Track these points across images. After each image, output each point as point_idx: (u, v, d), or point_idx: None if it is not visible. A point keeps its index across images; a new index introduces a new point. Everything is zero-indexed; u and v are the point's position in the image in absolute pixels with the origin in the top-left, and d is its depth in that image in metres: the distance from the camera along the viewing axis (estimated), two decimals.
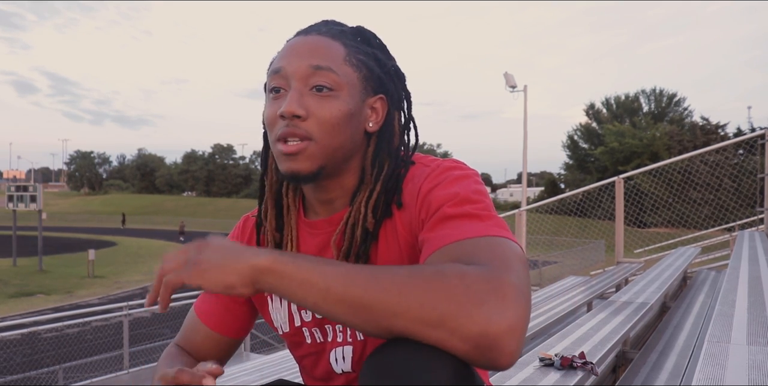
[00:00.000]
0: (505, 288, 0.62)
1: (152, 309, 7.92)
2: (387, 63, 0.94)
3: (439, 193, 0.82)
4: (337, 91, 0.86)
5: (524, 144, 19.17)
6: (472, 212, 0.78)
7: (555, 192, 37.95)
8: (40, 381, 8.32)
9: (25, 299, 17.37)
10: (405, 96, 0.96)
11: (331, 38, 0.89)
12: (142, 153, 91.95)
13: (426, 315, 0.61)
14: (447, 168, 0.87)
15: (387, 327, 0.63)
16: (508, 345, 0.60)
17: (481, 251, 0.71)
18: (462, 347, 0.60)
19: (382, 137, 0.92)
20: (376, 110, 0.92)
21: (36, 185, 24.09)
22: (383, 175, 0.90)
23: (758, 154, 6.67)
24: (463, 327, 0.60)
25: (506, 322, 0.60)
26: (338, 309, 0.65)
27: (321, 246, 0.94)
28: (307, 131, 0.85)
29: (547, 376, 1.78)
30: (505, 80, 18.94)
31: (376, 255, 0.90)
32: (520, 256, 0.72)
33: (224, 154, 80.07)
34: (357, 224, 0.89)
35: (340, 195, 0.93)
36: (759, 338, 1.55)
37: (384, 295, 0.63)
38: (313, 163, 0.86)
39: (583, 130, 44.90)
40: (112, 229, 47.86)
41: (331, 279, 0.65)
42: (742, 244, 4.05)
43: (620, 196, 6.30)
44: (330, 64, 0.86)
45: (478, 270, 0.64)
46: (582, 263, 14.33)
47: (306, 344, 0.99)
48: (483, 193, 0.83)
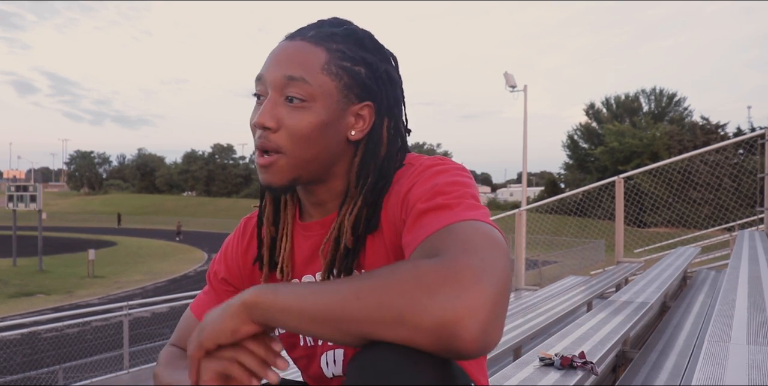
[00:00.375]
0: (460, 272, 0.60)
1: (152, 308, 7.91)
2: (379, 67, 0.90)
3: (416, 191, 0.82)
4: (310, 101, 0.85)
5: (524, 144, 19.17)
6: (442, 203, 0.77)
7: (555, 192, 37.96)
8: (40, 381, 8.32)
9: (25, 299, 17.37)
10: (398, 101, 0.94)
11: (314, 44, 0.87)
12: (142, 153, 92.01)
13: (385, 315, 0.60)
14: (427, 166, 0.86)
15: (357, 335, 0.63)
16: (469, 331, 0.57)
17: (442, 241, 0.69)
18: (425, 341, 0.59)
19: (368, 146, 0.90)
20: (363, 118, 0.90)
21: (36, 185, 24.10)
22: (366, 187, 0.89)
23: (758, 153, 6.67)
24: (421, 321, 0.58)
25: (462, 307, 0.58)
26: (313, 327, 0.65)
27: (314, 249, 0.95)
28: (278, 144, 0.85)
29: (547, 376, 1.78)
30: (505, 80, 18.94)
31: (365, 259, 0.90)
32: (486, 235, 0.69)
33: (224, 153, 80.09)
34: (341, 237, 0.89)
35: (329, 198, 0.93)
36: (759, 338, 1.55)
37: (345, 304, 0.63)
38: (284, 176, 0.86)
39: (583, 129, 44.93)
40: (112, 229, 47.88)
41: (302, 300, 0.65)
42: (742, 244, 4.05)
43: (620, 196, 6.30)
44: (304, 74, 0.85)
45: (431, 261, 0.63)
46: (582, 263, 14.34)
47: (299, 346, 0.99)
48: (459, 184, 0.81)
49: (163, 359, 0.98)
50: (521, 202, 17.78)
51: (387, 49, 0.95)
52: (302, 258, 0.97)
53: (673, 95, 44.39)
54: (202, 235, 42.44)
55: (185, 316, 1.07)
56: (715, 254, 7.09)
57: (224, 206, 64.64)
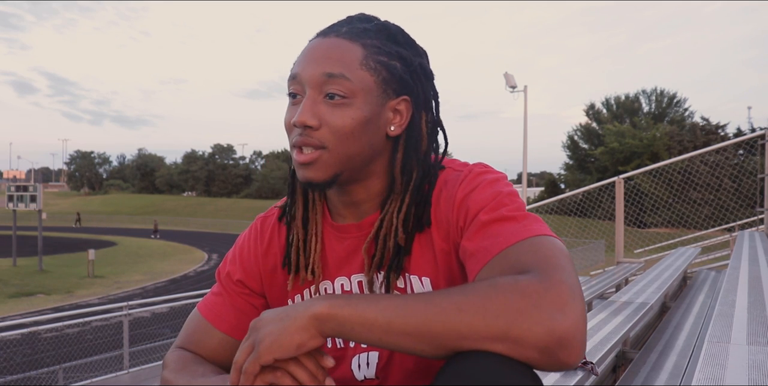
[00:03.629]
0: (558, 288, 0.64)
1: (152, 308, 7.90)
2: (413, 61, 0.90)
3: (475, 199, 0.83)
4: (351, 98, 0.84)
5: (524, 144, 19.16)
6: (507, 215, 0.79)
7: (555, 192, 37.93)
8: (40, 381, 8.31)
9: (25, 299, 17.36)
10: (433, 96, 0.93)
11: (349, 40, 0.86)
12: (142, 153, 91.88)
13: (491, 331, 0.62)
14: (479, 172, 0.87)
15: (454, 349, 0.64)
16: (576, 343, 0.62)
17: (525, 256, 0.72)
18: (531, 354, 0.62)
19: (409, 141, 0.90)
20: (400, 112, 0.89)
21: (36, 185, 24.07)
22: (412, 183, 0.88)
23: (758, 154, 6.67)
24: (529, 335, 0.61)
25: (568, 321, 0.62)
26: (403, 341, 0.65)
27: (350, 251, 0.93)
28: (320, 140, 0.84)
29: (547, 376, 1.78)
30: (506, 80, 18.94)
31: (410, 265, 0.89)
32: (562, 251, 0.73)
33: (224, 154, 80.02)
34: (389, 235, 0.88)
35: (366, 198, 0.92)
36: (759, 338, 1.54)
37: (445, 319, 0.63)
38: (327, 171, 0.85)
39: (584, 130, 44.90)
40: (112, 229, 47.85)
41: (389, 313, 0.65)
42: (742, 244, 4.04)
43: (620, 196, 6.30)
44: (343, 71, 0.84)
45: (529, 277, 0.66)
46: (582, 263, 14.31)
47: (327, 348, 0.95)
48: (515, 194, 0.84)
49: (173, 364, 0.92)
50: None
51: (418, 44, 0.94)
52: (335, 260, 0.94)
53: (674, 96, 44.37)
54: (203, 235, 42.44)
55: (193, 318, 1.01)
56: (716, 254, 7.08)
57: (224, 206, 64.61)
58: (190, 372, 0.88)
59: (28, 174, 45.96)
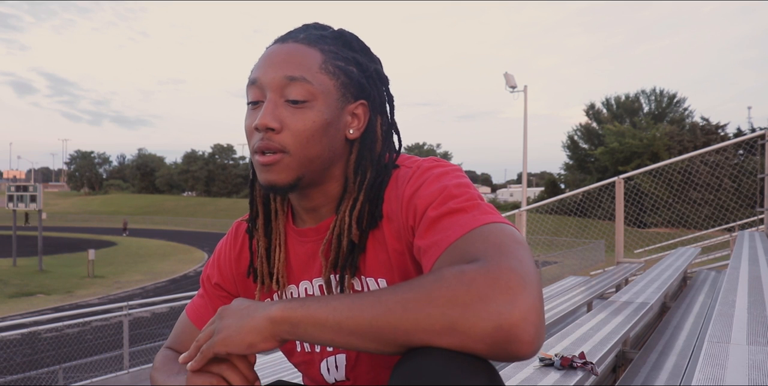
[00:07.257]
0: (507, 276, 0.62)
1: (152, 308, 7.96)
2: (369, 66, 0.92)
3: (422, 195, 0.82)
4: (312, 101, 0.85)
5: (524, 144, 19.16)
6: (456, 207, 0.77)
7: (555, 192, 37.96)
8: (40, 381, 8.31)
9: (25, 299, 17.35)
10: (388, 100, 0.95)
11: (307, 45, 0.87)
12: (142, 153, 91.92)
13: (436, 325, 0.60)
14: (426, 168, 0.86)
15: (404, 344, 0.63)
16: (526, 334, 0.59)
17: (474, 245, 0.70)
18: (480, 346, 0.60)
19: (364, 143, 0.91)
20: (358, 116, 0.90)
21: (36, 185, 24.07)
22: (366, 183, 0.89)
23: (758, 154, 6.66)
24: (475, 329, 0.59)
25: (517, 313, 0.59)
26: (354, 340, 0.65)
27: (310, 254, 0.94)
28: (282, 144, 0.84)
29: (547, 376, 1.78)
30: (506, 80, 18.95)
31: (365, 267, 0.89)
32: (513, 237, 0.71)
33: (224, 154, 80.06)
34: (343, 234, 0.88)
35: (324, 202, 0.92)
36: (759, 338, 1.54)
37: (391, 316, 0.63)
38: (289, 174, 0.85)
39: (584, 130, 44.89)
40: (112, 229, 47.86)
41: (338, 313, 0.65)
42: (742, 244, 4.04)
43: (620, 196, 6.29)
44: (304, 74, 0.84)
45: (475, 267, 0.64)
46: (582, 263, 14.32)
47: (297, 352, 0.98)
48: (465, 185, 0.82)
49: (158, 363, 0.97)
50: (521, 203, 17.78)
51: (372, 51, 0.96)
52: (299, 264, 0.96)
53: (674, 96, 44.35)
54: (203, 235, 42.43)
55: (181, 319, 1.06)
56: (716, 254, 7.09)
57: (224, 206, 64.61)
58: (167, 370, 0.92)
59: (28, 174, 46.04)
